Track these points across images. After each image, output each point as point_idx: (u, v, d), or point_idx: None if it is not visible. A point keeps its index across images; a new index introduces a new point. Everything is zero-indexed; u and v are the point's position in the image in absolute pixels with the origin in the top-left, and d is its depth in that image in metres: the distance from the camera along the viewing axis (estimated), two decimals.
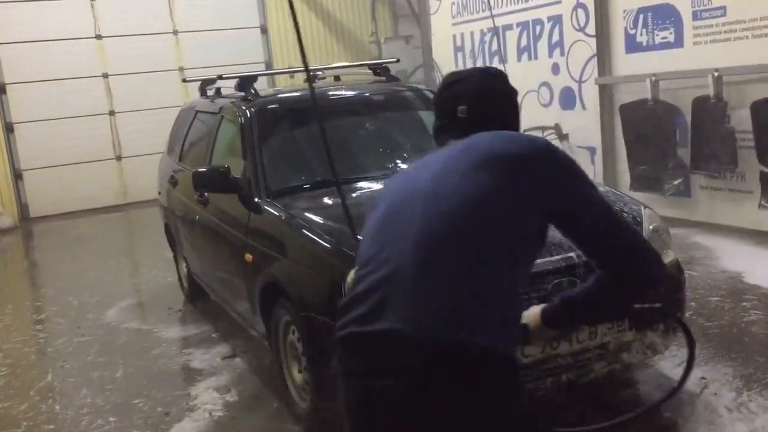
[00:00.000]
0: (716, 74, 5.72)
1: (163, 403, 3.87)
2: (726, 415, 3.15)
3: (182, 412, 3.75)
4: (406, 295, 1.54)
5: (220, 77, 4.93)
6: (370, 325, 1.56)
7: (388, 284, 1.57)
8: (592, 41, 7.08)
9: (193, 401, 3.86)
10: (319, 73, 5.55)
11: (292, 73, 6.39)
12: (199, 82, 5.50)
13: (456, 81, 1.88)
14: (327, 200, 3.79)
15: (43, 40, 10.26)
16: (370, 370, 1.57)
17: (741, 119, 5.68)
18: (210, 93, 5.38)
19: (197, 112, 5.41)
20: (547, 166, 1.65)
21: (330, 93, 4.94)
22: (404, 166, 4.15)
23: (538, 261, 2.95)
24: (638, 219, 3.40)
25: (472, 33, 8.99)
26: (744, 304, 4.40)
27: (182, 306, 5.60)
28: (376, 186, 3.90)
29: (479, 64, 8.84)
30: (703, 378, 3.50)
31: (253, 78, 4.64)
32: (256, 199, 3.86)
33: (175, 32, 11.13)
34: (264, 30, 11.64)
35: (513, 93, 1.91)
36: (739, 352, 3.76)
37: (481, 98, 1.84)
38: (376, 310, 1.57)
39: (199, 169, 4.06)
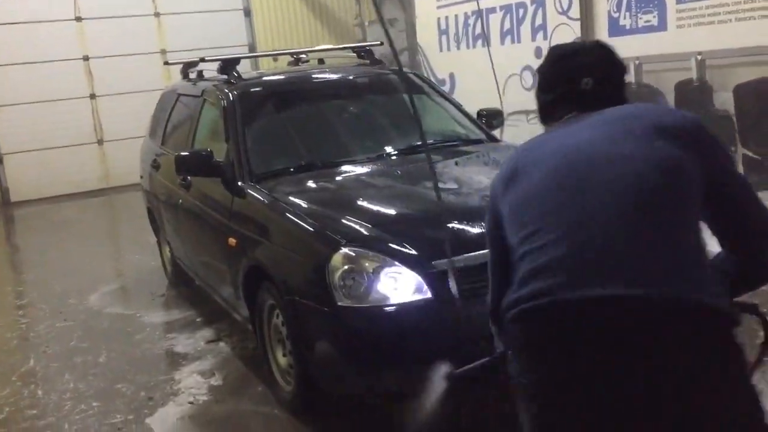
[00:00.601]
0: (699, 57, 5.74)
1: (146, 387, 3.86)
2: None
3: (166, 396, 3.74)
4: (622, 260, 1.49)
5: (203, 60, 4.89)
6: (584, 291, 1.48)
7: (591, 251, 1.51)
8: (576, 24, 7.07)
9: (176, 386, 3.85)
10: (303, 56, 5.51)
11: (275, 56, 6.33)
12: (181, 65, 5.46)
13: (574, 53, 1.82)
14: (311, 184, 3.78)
15: (22, 22, 10.11)
16: (586, 339, 1.48)
17: (724, 102, 5.72)
18: (192, 76, 5.33)
19: (179, 95, 5.36)
20: (707, 140, 1.64)
21: (314, 76, 4.92)
22: (389, 149, 4.16)
23: None
24: None
25: (456, 16, 8.95)
26: None
27: (166, 291, 5.57)
28: (361, 169, 3.90)
29: (463, 47, 8.82)
30: None
31: (236, 61, 4.60)
32: (239, 183, 3.84)
33: (157, 14, 11.00)
34: (247, 12, 11.55)
35: (625, 67, 1.88)
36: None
37: (607, 70, 1.79)
38: (587, 278, 1.49)
39: (182, 153, 4.04)
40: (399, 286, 2.89)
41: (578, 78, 1.75)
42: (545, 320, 1.53)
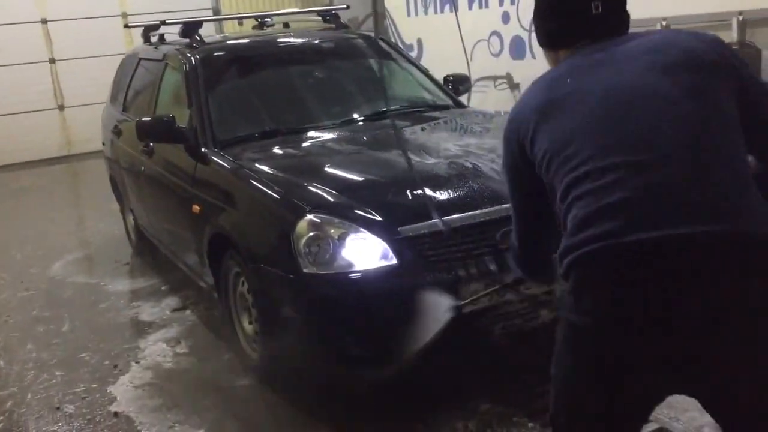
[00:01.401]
0: (665, 23, 5.75)
1: (110, 356, 3.83)
2: None
3: (130, 364, 3.71)
4: (690, 197, 1.46)
5: (163, 23, 4.79)
6: (661, 230, 1.43)
7: (658, 189, 1.46)
8: None
9: (141, 354, 3.83)
10: (268, 20, 5.41)
11: (239, 19, 6.21)
12: (142, 29, 5.33)
13: None
14: (276, 150, 3.74)
15: None
16: (659, 278, 1.43)
17: None
18: (154, 40, 5.21)
19: (140, 59, 5.24)
20: (735, 59, 1.63)
21: (278, 40, 4.84)
22: (355, 115, 4.12)
23: (486, 210, 2.99)
24: None
25: None
26: None
27: (130, 259, 5.51)
28: (327, 135, 3.86)
29: (431, 11, 8.73)
30: None
31: (198, 24, 4.51)
32: (203, 150, 3.78)
33: None
34: None
35: None
36: None
37: None
38: (658, 217, 1.45)
39: (143, 119, 3.96)
40: (364, 252, 2.88)
41: (588, 2, 1.68)
42: (615, 261, 1.47)
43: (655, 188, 1.47)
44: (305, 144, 3.79)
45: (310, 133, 3.88)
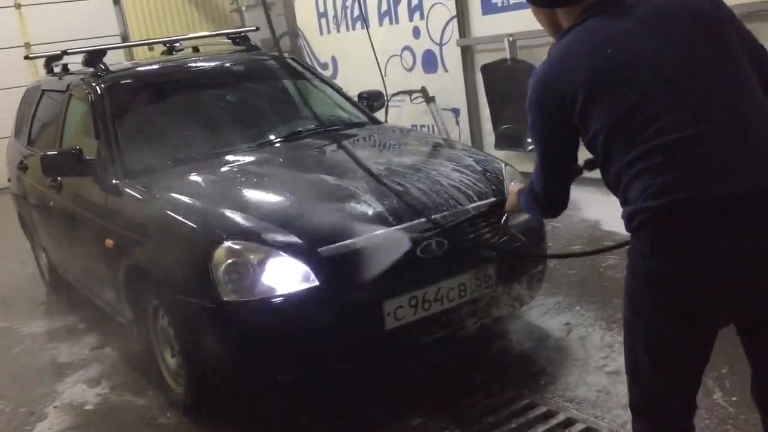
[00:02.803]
0: None
1: (27, 402, 3.65)
2: (592, 356, 3.33)
3: (48, 410, 3.55)
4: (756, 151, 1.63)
5: (65, 53, 4.64)
6: (731, 186, 1.60)
7: (729, 144, 1.63)
8: (451, 3, 7.17)
9: (60, 397, 3.66)
10: (177, 44, 5.31)
11: (147, 46, 6.08)
12: (44, 59, 5.16)
13: None
14: (190, 177, 3.65)
15: None
16: (740, 221, 1.62)
17: None
18: (57, 70, 5.04)
19: (44, 91, 5.07)
20: (729, 10, 1.78)
21: (188, 65, 4.76)
22: (270, 137, 4.08)
23: (406, 225, 3.00)
24: (500, 177, 3.50)
25: None
26: None
27: (45, 298, 5.29)
28: (242, 159, 3.80)
29: (343, 29, 8.78)
30: (567, 323, 3.69)
31: (102, 52, 4.38)
32: (113, 181, 3.67)
33: (18, 5, 10.34)
34: (116, 1, 11.02)
35: None
36: (600, 296, 3.98)
37: None
38: (732, 172, 1.61)
39: (48, 153, 3.82)
40: (285, 276, 2.85)
41: None
42: (695, 213, 1.62)
43: (724, 149, 1.62)
44: (220, 169, 3.72)
45: (225, 158, 3.81)
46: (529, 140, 6.55)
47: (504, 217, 3.16)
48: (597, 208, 5.57)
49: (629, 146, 1.68)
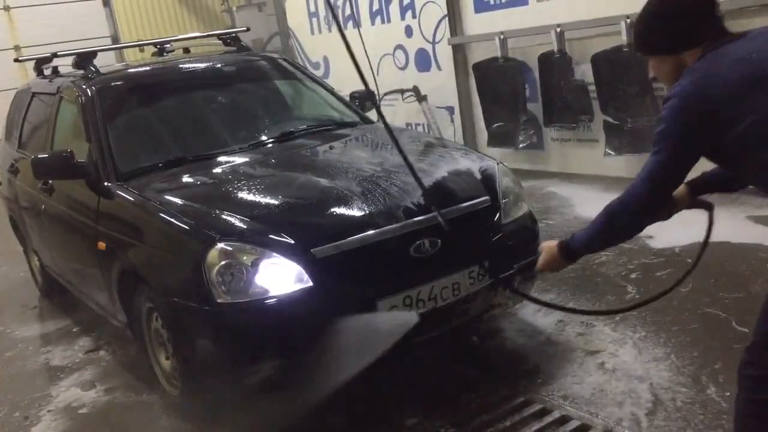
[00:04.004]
0: (559, 30, 5.97)
1: (20, 407, 3.64)
2: (586, 354, 3.34)
3: (43, 414, 3.53)
4: None
5: (55, 55, 4.61)
6: None
7: None
8: (442, 2, 7.17)
9: (55, 401, 3.65)
10: (168, 45, 5.29)
11: (137, 47, 6.06)
12: (34, 62, 5.13)
13: None
14: (182, 179, 3.64)
15: None
16: None
17: (583, 72, 5.97)
18: (47, 72, 5.02)
19: (34, 93, 5.04)
20: None
21: (178, 66, 4.74)
22: (262, 138, 4.06)
23: (399, 225, 3.00)
24: (494, 175, 3.51)
25: None
26: None
27: (38, 302, 5.27)
28: (234, 160, 3.79)
29: (333, 28, 8.76)
30: (561, 321, 3.69)
31: (92, 54, 4.37)
32: (105, 183, 3.65)
33: (7, 8, 10.30)
34: (106, 2, 10.98)
35: None
36: (593, 292, 3.99)
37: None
38: None
39: (39, 156, 3.80)
40: (279, 277, 2.84)
41: (713, 4, 2.01)
42: None
43: None
44: (213, 171, 3.71)
45: (218, 159, 3.80)
46: (520, 139, 6.57)
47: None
48: (591, 204, 5.58)
49: None
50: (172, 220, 3.17)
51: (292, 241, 2.90)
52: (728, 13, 4.86)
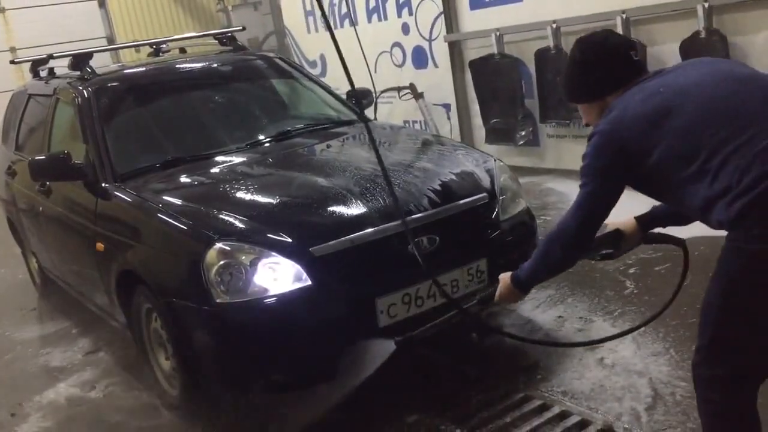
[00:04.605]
0: (554, 26, 5.97)
1: (18, 408, 3.63)
2: (585, 349, 3.33)
3: (42, 415, 3.53)
4: None
5: (51, 56, 4.61)
6: None
7: None
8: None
9: (54, 402, 3.65)
10: (164, 45, 5.29)
11: (133, 48, 6.05)
12: (30, 63, 5.12)
13: (607, 37, 2.17)
14: (180, 179, 3.64)
15: None
16: None
17: None
18: (44, 74, 5.01)
19: (30, 95, 5.04)
20: None
21: (175, 66, 4.73)
22: (259, 137, 4.06)
23: (397, 223, 3.00)
24: (491, 172, 3.51)
25: None
26: None
27: (36, 304, 5.26)
28: (232, 160, 3.79)
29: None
30: (560, 316, 3.70)
31: (88, 55, 4.36)
32: (103, 185, 3.65)
33: (2, 10, 10.27)
34: (101, 3, 10.97)
35: None
36: (592, 288, 3.99)
37: (635, 44, 2.25)
38: None
39: (36, 158, 3.80)
40: (278, 276, 2.84)
41: (628, 51, 2.12)
42: None
43: None
44: (210, 171, 3.71)
45: (215, 159, 3.80)
46: (518, 135, 6.57)
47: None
48: None
49: (696, 153, 1.89)
50: (171, 220, 3.17)
51: (291, 240, 2.90)
52: (722, 7, 4.89)
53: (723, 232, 1.93)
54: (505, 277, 2.44)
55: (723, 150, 1.84)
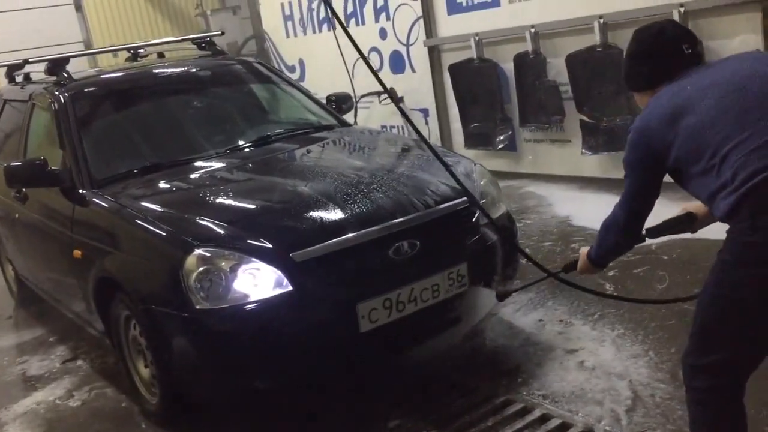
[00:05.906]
0: (533, 30, 6.01)
1: None
2: (566, 352, 3.36)
3: (18, 426, 3.48)
4: None
5: (27, 61, 4.57)
6: None
7: None
8: (416, 4, 7.19)
9: (31, 412, 3.60)
10: (142, 50, 5.26)
11: (110, 52, 6.00)
12: (5, 68, 5.06)
13: (663, 29, 2.22)
14: (159, 185, 3.61)
15: None
16: None
17: (558, 72, 6.01)
18: (19, 79, 4.96)
19: (6, 101, 4.98)
20: None
21: (153, 71, 4.71)
22: (239, 142, 4.05)
23: (379, 227, 3.00)
24: (471, 176, 3.52)
25: (300, 1, 8.86)
26: (573, 245, 4.71)
27: (13, 312, 5.19)
28: (211, 165, 3.77)
29: (309, 31, 8.75)
30: (540, 320, 3.72)
31: (65, 60, 4.32)
32: (80, 191, 3.62)
33: None
34: (78, 6, 10.85)
35: None
36: (571, 290, 3.98)
37: (692, 37, 2.24)
38: None
39: (12, 164, 3.75)
40: (258, 282, 2.83)
41: (680, 46, 2.17)
42: None
43: None
44: (189, 176, 3.68)
45: (194, 165, 3.77)
46: (497, 139, 6.61)
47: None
48: (567, 205, 5.63)
49: (708, 147, 1.96)
50: (149, 226, 3.15)
51: (271, 246, 2.89)
52: (698, 12, 4.95)
53: (704, 235, 1.97)
54: (584, 251, 2.54)
55: (724, 147, 1.92)
